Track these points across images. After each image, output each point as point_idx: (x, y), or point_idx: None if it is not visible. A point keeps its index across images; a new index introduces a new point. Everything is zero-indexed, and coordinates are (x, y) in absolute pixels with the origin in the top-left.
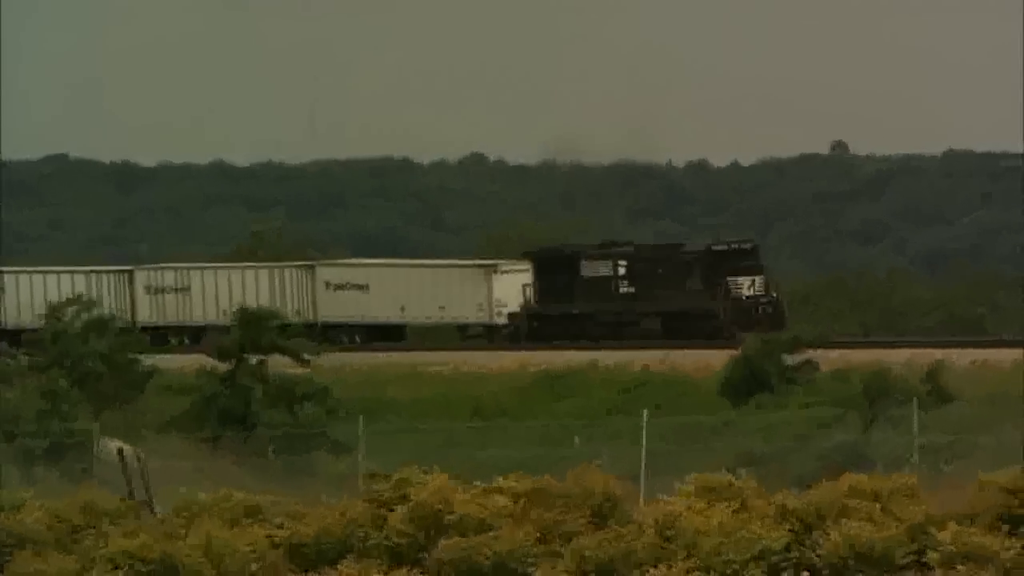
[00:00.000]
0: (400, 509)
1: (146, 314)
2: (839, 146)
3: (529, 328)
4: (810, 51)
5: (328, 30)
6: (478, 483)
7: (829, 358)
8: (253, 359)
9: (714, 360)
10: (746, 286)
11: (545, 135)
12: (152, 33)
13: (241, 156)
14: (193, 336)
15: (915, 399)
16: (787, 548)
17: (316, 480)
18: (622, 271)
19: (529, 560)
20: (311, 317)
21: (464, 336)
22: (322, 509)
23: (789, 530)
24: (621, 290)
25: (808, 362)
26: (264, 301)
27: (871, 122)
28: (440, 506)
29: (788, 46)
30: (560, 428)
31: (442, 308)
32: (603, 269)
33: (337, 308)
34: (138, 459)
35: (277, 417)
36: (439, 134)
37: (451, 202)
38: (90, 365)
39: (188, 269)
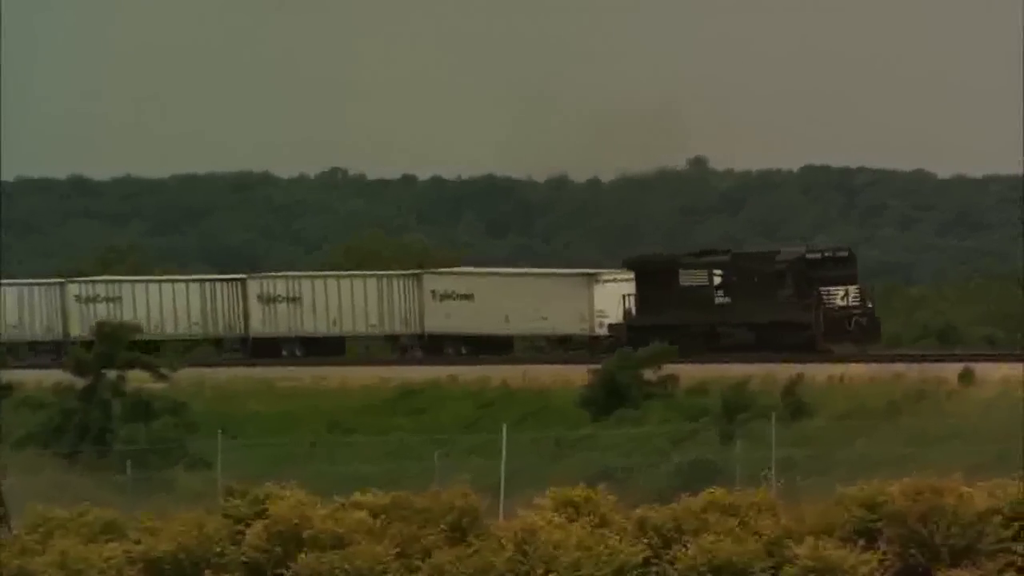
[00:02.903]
0: (258, 524)
1: (259, 324)
2: (697, 161)
3: (629, 340)
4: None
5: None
6: (336, 498)
7: (689, 373)
8: (112, 374)
9: (573, 375)
10: (840, 296)
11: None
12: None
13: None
14: (304, 347)
15: (773, 414)
16: (645, 563)
17: (174, 495)
18: (718, 280)
19: (388, 575)
20: (418, 329)
21: (566, 349)
22: (179, 524)
23: (647, 544)
24: (717, 300)
25: (669, 377)
26: (372, 311)
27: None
28: (298, 521)
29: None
30: (419, 443)
31: (544, 319)
32: (700, 278)
33: (443, 318)
34: None
35: (135, 432)
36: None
37: (310, 217)
38: None
39: (299, 278)
